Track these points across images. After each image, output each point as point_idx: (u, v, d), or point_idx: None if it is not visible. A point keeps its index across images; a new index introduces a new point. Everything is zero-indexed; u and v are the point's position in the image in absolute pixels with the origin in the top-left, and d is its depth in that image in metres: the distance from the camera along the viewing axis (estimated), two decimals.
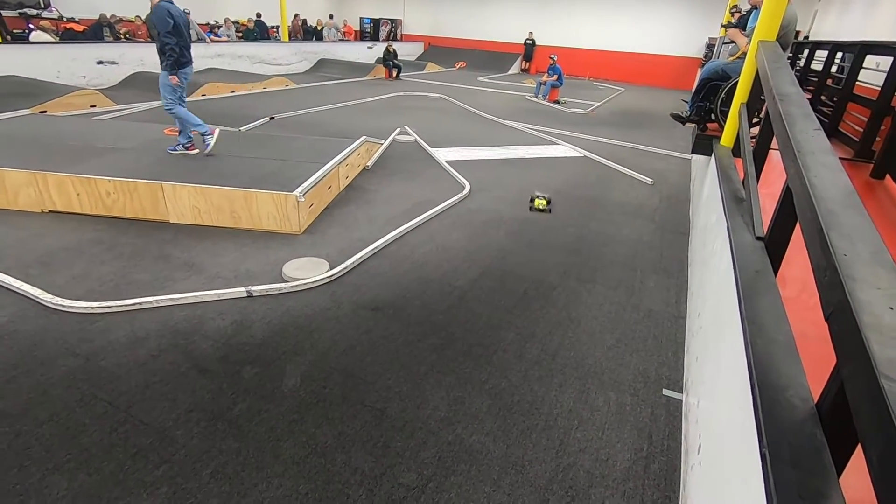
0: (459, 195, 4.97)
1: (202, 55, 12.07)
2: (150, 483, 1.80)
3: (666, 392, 2.44)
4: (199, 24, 12.62)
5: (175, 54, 4.43)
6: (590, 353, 2.71)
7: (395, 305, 3.04)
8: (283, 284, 3.13)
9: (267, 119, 7.88)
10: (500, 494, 1.85)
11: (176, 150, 4.73)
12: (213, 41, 12.83)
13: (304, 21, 17.75)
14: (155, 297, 2.87)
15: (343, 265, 3.39)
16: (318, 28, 17.89)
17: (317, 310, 2.93)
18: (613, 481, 1.93)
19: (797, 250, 1.61)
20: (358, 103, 10.23)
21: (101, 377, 2.29)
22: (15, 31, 10.72)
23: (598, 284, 3.47)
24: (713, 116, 4.68)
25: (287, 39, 15.50)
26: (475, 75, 17.24)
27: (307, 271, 3.28)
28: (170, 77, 4.55)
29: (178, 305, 2.87)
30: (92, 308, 2.76)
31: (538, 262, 3.75)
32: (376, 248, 3.71)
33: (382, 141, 6.62)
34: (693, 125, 5.07)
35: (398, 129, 7.68)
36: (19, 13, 11.36)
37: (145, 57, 10.71)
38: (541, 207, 4.75)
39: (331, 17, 18.95)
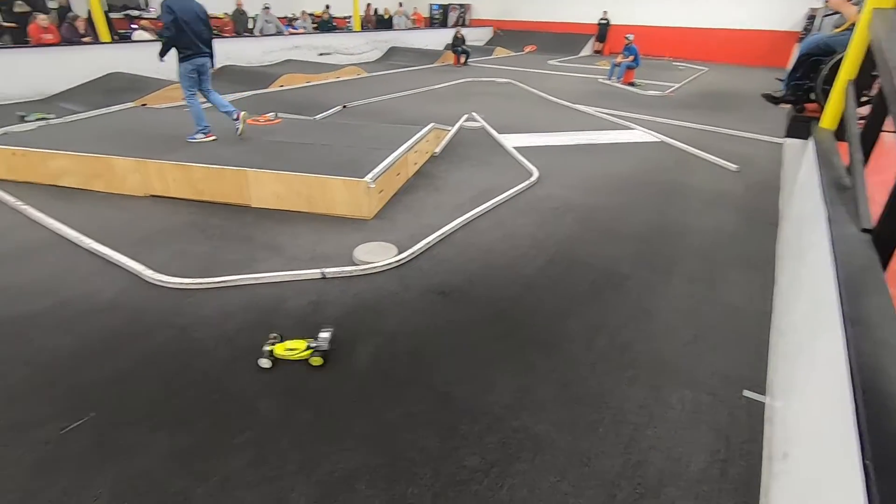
0: (527, 182, 4.89)
1: (281, 47, 12.67)
2: (237, 446, 1.96)
3: (747, 393, 2.29)
4: (278, 18, 13.21)
5: (167, 46, 4.76)
6: (664, 348, 2.59)
7: (462, 291, 3.06)
8: (354, 267, 3.25)
9: (340, 107, 8.15)
10: (565, 485, 1.83)
11: (194, 139, 5.01)
12: (290, 33, 13.41)
13: (376, 10, 18.07)
14: (241, 276, 3.09)
15: (411, 250, 3.46)
16: (387, 17, 18.11)
17: (386, 293, 3.02)
18: (686, 482, 1.85)
19: None
20: (426, 90, 10.30)
21: (194, 348, 2.51)
22: (120, 31, 11.79)
23: (675, 276, 3.30)
24: (813, 96, 4.23)
25: (359, 29, 15.86)
26: (545, 59, 16.76)
27: (377, 255, 3.39)
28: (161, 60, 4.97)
29: (260, 284, 3.07)
30: (186, 284, 3.02)
31: (609, 250, 3.63)
32: (444, 233, 3.76)
33: (450, 128, 6.64)
34: (788, 106, 4.62)
35: (466, 116, 7.66)
36: (124, 14, 12.47)
37: (231, 51, 11.38)
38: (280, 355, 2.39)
39: (400, 4, 19.13)
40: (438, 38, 17.58)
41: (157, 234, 3.73)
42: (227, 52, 11.33)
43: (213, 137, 5.05)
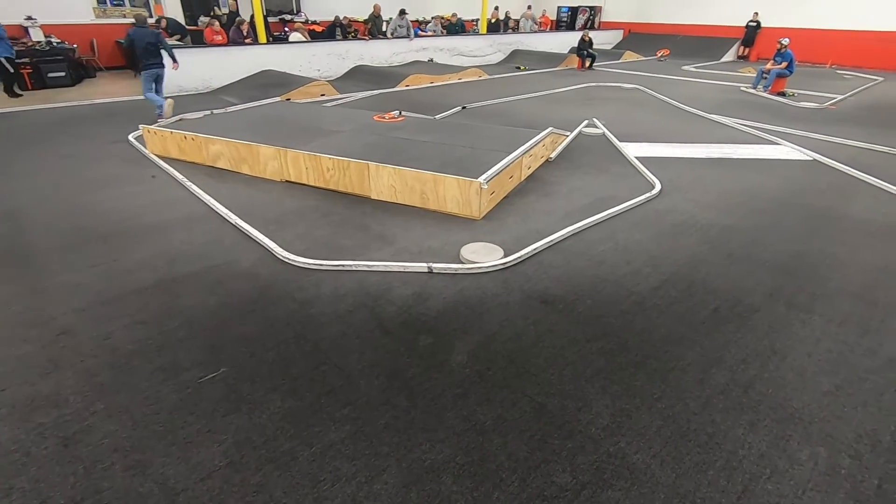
0: (648, 194, 4.59)
1: (409, 49, 13.30)
2: (338, 419, 2.10)
3: None
4: (411, 21, 13.87)
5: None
6: (795, 396, 2.28)
7: (566, 301, 2.97)
8: (459, 265, 3.31)
9: (459, 108, 8.34)
10: None
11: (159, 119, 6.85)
12: (419, 36, 14.01)
13: (507, 14, 18.10)
14: (355, 262, 3.31)
15: (517, 254, 3.43)
16: (494, 21, 17.34)
17: (488, 294, 3.03)
18: None
19: None
20: (547, 94, 10.14)
21: (310, 322, 2.74)
22: (275, 33, 13.25)
23: (817, 315, 2.88)
24: None
25: (485, 32, 16.06)
26: (679, 64, 15.60)
27: (483, 256, 3.41)
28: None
29: (371, 271, 3.26)
30: (308, 264, 3.30)
31: (737, 277, 3.27)
32: (552, 241, 3.67)
33: (568, 133, 6.46)
34: None
35: (586, 122, 7.41)
36: (279, 18, 13.98)
37: (365, 53, 12.21)
38: None
39: (529, 7, 19.02)
40: (563, 41, 17.21)
41: (288, 216, 4.12)
42: (361, 53, 12.19)
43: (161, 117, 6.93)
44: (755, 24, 17.10)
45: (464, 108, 8.43)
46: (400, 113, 6.58)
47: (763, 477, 1.87)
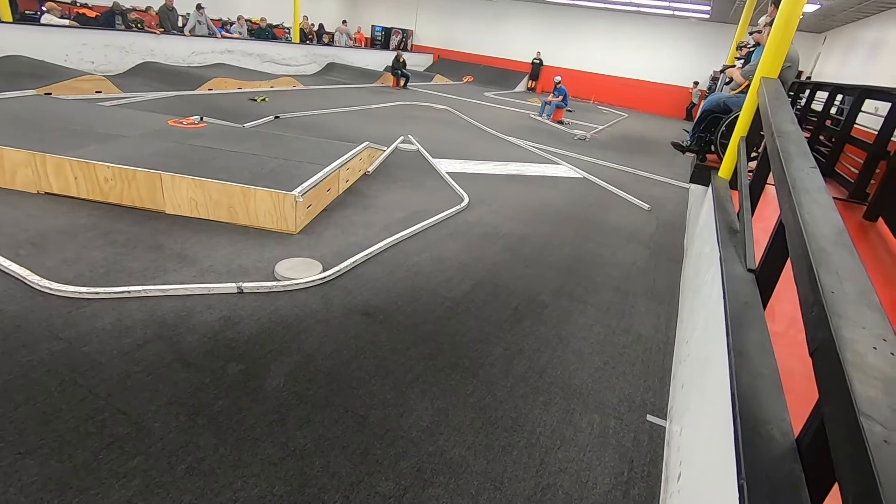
0: (458, 207, 4.99)
1: (212, 50, 12.16)
2: (123, 474, 1.77)
3: (650, 418, 2.44)
4: (212, 20, 12.70)
5: None
6: (577, 374, 2.71)
7: (386, 312, 3.03)
8: (274, 283, 3.11)
9: (272, 118, 7.91)
10: None
11: None
12: (223, 37, 12.91)
13: (322, 25, 17.86)
14: (144, 287, 2.85)
15: (336, 268, 3.38)
16: (307, 31, 17.24)
17: (306, 311, 2.92)
18: None
19: (788, 285, 1.63)
20: (363, 109, 10.29)
21: (83, 363, 2.26)
22: (27, 11, 10.74)
23: (590, 305, 3.48)
24: (713, 148, 4.75)
25: (298, 41, 15.60)
26: (481, 90, 17.42)
27: (300, 272, 3.27)
28: None
29: (167, 297, 2.85)
30: (80, 293, 2.73)
31: (532, 278, 3.76)
32: (371, 253, 3.71)
33: (385, 148, 6.65)
34: (692, 155, 5.14)
35: (401, 138, 7.72)
36: None
37: (156, 48, 10.75)
38: None
39: (344, 22, 19.11)
40: (379, 59, 17.73)
41: (49, 235, 3.36)
42: (150, 48, 10.71)
43: None
44: (538, 61, 20.14)
45: (277, 117, 8.02)
46: (201, 119, 5.94)
47: (555, 448, 2.18)
